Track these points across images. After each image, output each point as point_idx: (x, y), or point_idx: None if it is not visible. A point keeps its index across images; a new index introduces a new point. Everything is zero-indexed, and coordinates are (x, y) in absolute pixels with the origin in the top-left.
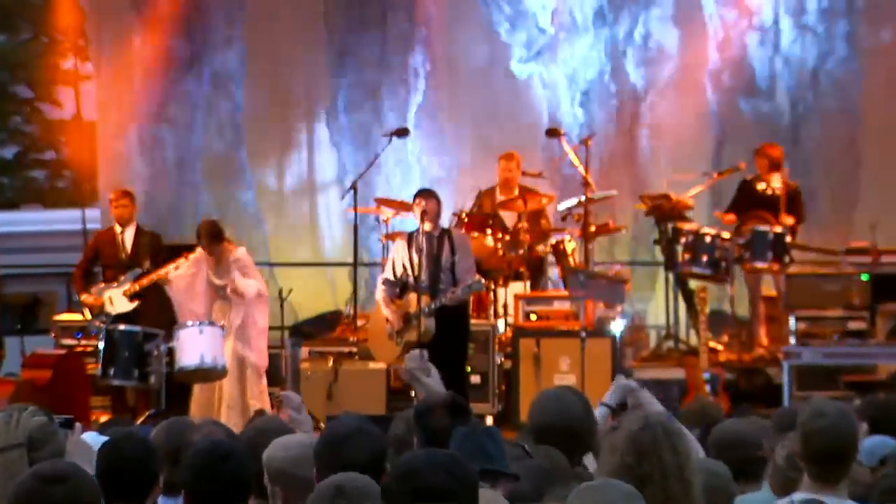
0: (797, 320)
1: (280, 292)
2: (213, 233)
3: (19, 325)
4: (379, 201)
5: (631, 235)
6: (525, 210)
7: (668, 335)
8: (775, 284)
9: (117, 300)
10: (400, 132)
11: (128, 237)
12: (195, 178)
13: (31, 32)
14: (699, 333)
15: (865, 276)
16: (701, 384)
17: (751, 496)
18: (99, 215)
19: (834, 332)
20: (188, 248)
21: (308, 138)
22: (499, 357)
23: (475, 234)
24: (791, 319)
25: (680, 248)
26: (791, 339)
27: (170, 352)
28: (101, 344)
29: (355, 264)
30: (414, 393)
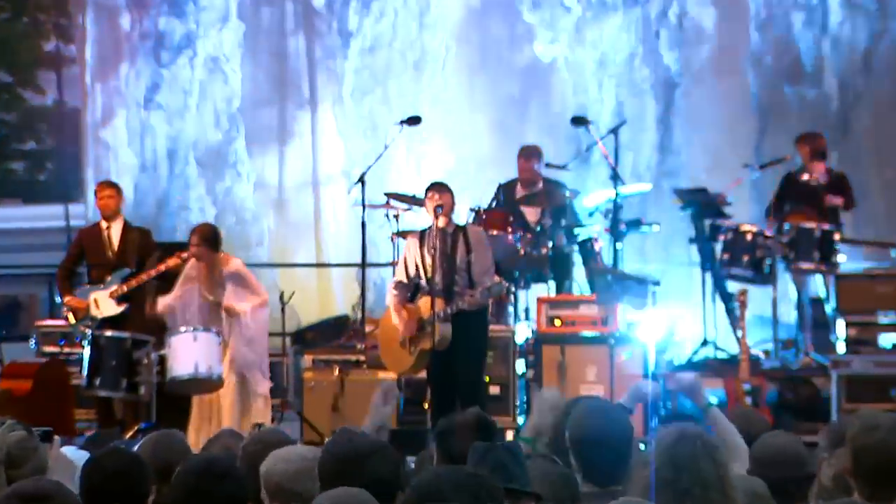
0: (847, 326)
1: (281, 296)
2: (211, 237)
3: None
4: (389, 196)
5: (664, 233)
6: (548, 206)
7: (706, 343)
8: (824, 286)
9: (103, 303)
10: (412, 120)
11: (114, 233)
12: (188, 171)
13: (10, 12)
14: (739, 340)
15: None
16: (741, 396)
17: None
18: (84, 211)
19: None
20: (180, 246)
21: (312, 127)
22: (520, 366)
23: (494, 232)
24: (840, 325)
25: (718, 248)
26: (840, 347)
27: (161, 360)
28: (86, 351)
29: (363, 265)
30: (427, 406)
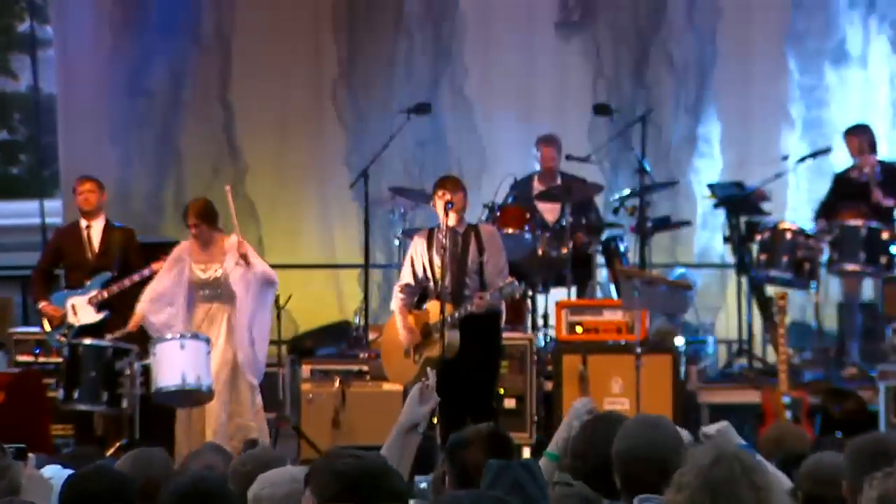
0: (894, 333)
1: (277, 300)
2: (207, 212)
3: None
4: (395, 191)
5: (696, 232)
6: (569, 202)
7: (741, 351)
8: (872, 290)
9: (81, 310)
10: (420, 108)
11: (95, 233)
12: (176, 163)
13: None
14: (778, 349)
15: None
16: (780, 410)
17: None
18: (61, 208)
19: None
20: (167, 247)
21: (312, 115)
22: (538, 377)
23: (509, 230)
24: (888, 332)
25: (755, 248)
26: (889, 356)
27: (145, 370)
28: (64, 361)
29: (367, 266)
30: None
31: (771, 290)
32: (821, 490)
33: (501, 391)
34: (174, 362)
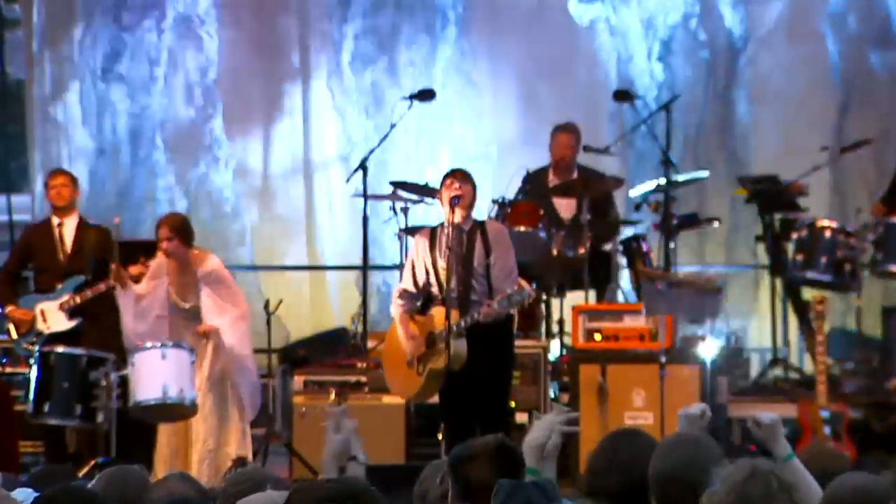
0: None
1: (266, 305)
2: (182, 227)
3: None
4: (395, 185)
5: (727, 230)
6: (586, 197)
7: (776, 361)
8: None
9: (52, 316)
10: (423, 95)
11: (68, 232)
12: (154, 155)
13: None
14: (815, 358)
15: None
16: (818, 425)
17: None
18: (30, 203)
19: None
20: (146, 248)
21: (303, 103)
22: (553, 389)
23: (521, 228)
24: None
25: (791, 247)
26: None
27: (123, 381)
28: (34, 371)
29: (365, 268)
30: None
31: (808, 294)
32: None
33: (512, 404)
34: (154, 373)
